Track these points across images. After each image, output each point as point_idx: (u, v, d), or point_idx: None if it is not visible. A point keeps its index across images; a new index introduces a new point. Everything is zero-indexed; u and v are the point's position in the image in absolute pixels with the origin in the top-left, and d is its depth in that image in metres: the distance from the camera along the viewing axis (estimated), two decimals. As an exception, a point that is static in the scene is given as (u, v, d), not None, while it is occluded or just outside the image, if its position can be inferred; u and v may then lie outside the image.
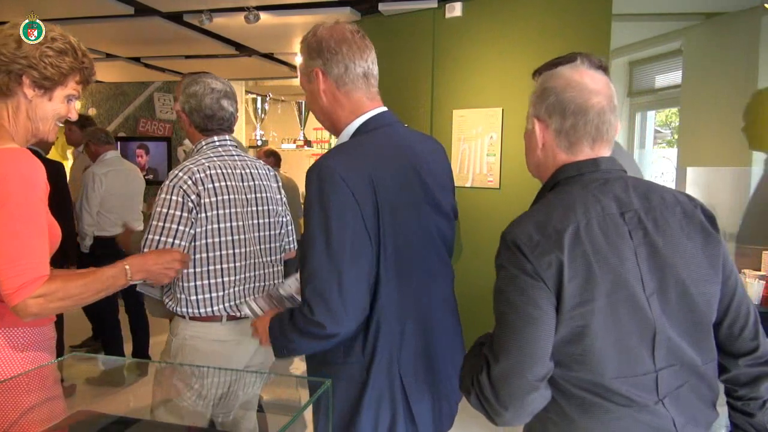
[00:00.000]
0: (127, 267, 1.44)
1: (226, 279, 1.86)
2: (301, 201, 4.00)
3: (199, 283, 1.83)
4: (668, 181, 4.87)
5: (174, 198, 1.76)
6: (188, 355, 1.87)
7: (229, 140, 1.96)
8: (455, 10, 4.09)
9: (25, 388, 1.37)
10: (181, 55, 6.11)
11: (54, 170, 3.74)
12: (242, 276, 1.90)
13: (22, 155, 1.31)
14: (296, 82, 7.42)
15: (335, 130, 1.45)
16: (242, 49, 5.68)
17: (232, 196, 1.86)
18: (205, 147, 1.93)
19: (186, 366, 1.89)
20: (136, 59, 6.38)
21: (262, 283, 1.99)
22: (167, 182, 1.81)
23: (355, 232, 1.27)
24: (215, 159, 1.88)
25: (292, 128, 6.70)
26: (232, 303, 1.88)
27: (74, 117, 1.46)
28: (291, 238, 2.18)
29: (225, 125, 1.95)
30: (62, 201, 3.55)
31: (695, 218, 1.13)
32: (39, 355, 1.41)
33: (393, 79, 4.51)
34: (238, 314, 1.87)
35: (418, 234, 1.42)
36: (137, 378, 1.90)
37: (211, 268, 1.83)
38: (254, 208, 1.94)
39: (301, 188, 4.45)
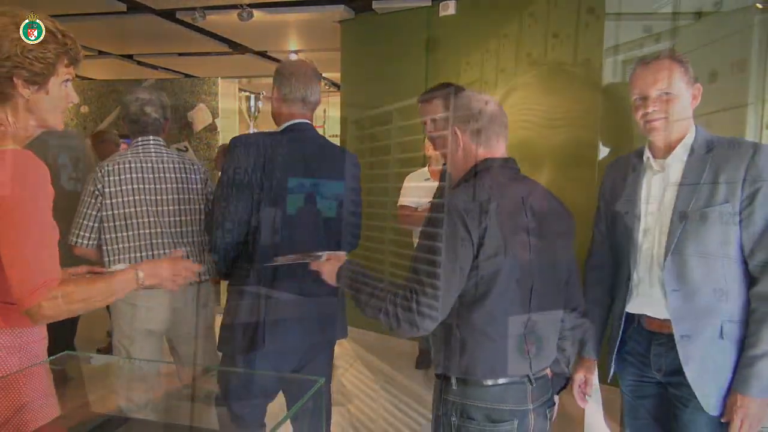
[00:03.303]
0: (140, 273, 1.47)
1: (130, 252, 2.24)
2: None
3: (112, 256, 2.23)
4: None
5: (88, 187, 2.23)
6: (113, 311, 2.31)
7: (152, 140, 2.34)
8: (449, 9, 4.09)
9: (16, 387, 1.36)
10: (174, 52, 6.10)
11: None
12: (149, 253, 2.22)
13: (29, 159, 1.29)
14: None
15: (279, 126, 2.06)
16: (236, 47, 5.67)
17: (135, 186, 2.23)
18: (131, 145, 2.36)
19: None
20: (129, 56, 6.36)
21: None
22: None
23: (237, 179, 1.86)
24: (130, 156, 2.28)
25: (285, 126, 6.69)
26: None
27: (75, 99, 1.41)
28: None
29: (149, 129, 2.33)
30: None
31: (561, 207, 1.54)
32: (30, 354, 1.40)
33: (386, 77, 4.51)
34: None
35: (297, 196, 1.91)
36: (129, 376, 1.90)
37: (119, 244, 2.22)
38: (163, 197, 2.28)
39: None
